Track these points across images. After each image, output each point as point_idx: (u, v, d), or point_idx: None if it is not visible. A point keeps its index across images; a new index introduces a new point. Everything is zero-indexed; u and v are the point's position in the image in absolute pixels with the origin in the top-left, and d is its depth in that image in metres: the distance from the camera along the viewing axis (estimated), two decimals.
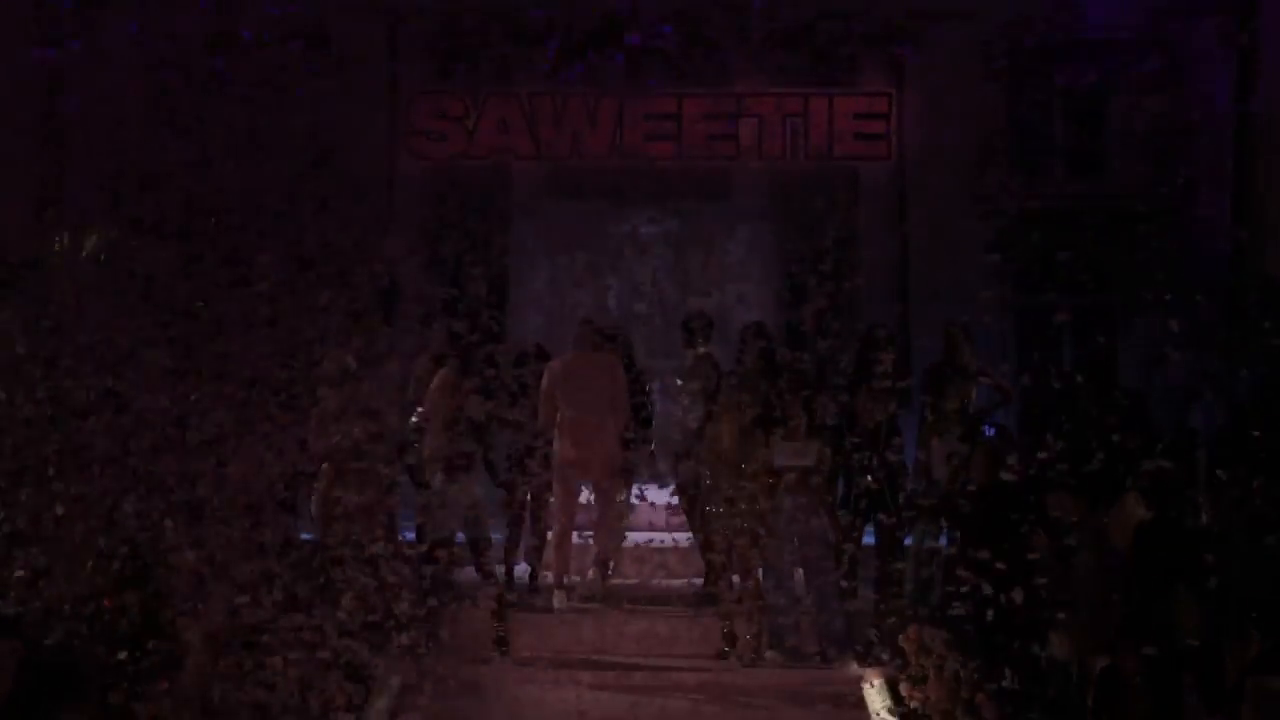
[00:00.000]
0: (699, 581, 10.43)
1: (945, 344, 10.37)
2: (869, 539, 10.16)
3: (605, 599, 10.16)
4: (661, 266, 12.38)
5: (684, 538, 10.81)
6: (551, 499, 10.31)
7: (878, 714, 8.57)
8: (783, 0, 11.55)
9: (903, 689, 8.64)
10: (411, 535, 10.23)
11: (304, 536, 10.27)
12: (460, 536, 10.28)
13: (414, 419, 10.30)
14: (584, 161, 12.05)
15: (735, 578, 9.92)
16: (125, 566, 7.55)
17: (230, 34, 11.02)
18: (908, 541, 10.05)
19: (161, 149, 11.08)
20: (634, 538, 11.01)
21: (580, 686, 8.79)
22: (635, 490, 10.87)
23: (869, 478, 9.89)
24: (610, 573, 10.38)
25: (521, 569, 10.63)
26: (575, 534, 10.36)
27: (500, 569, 10.45)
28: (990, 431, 9.82)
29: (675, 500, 10.80)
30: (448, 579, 9.92)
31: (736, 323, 10.98)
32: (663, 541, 11.02)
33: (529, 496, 10.42)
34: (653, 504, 10.87)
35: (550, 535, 10.34)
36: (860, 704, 8.72)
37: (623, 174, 12.15)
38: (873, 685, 8.93)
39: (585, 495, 10.60)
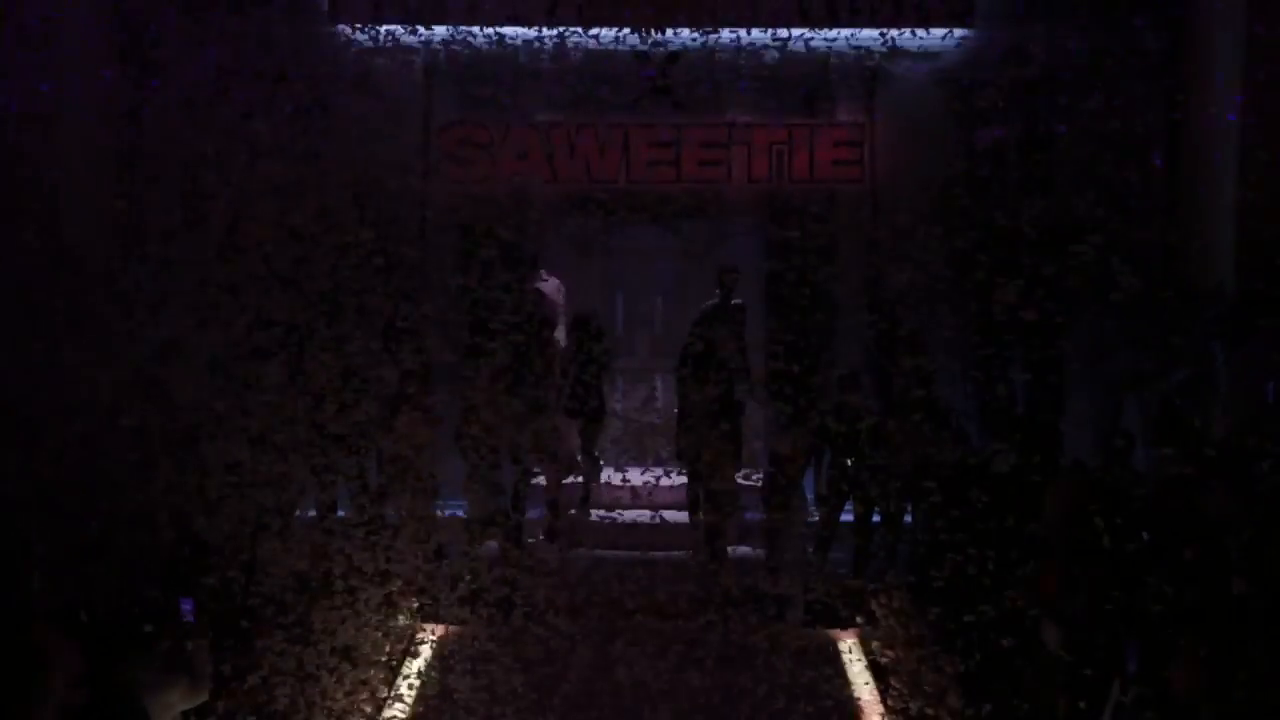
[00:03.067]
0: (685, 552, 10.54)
1: (911, 346, 10.42)
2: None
3: None
4: (663, 276, 12.39)
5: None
6: None
7: (852, 670, 8.60)
8: (769, 44, 11.64)
9: (874, 647, 8.70)
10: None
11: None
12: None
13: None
14: (594, 185, 12.04)
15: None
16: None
17: (285, 71, 11.13)
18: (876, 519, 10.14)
19: (228, 169, 11.19)
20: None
21: (575, 640, 8.84)
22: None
23: (849, 461, 9.97)
24: None
25: None
26: None
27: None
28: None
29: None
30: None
31: None
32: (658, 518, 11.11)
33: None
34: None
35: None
36: (836, 660, 8.75)
37: (628, 196, 12.17)
38: (847, 644, 8.96)
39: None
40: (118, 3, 11.34)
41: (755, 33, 11.66)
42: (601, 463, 11.40)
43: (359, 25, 11.71)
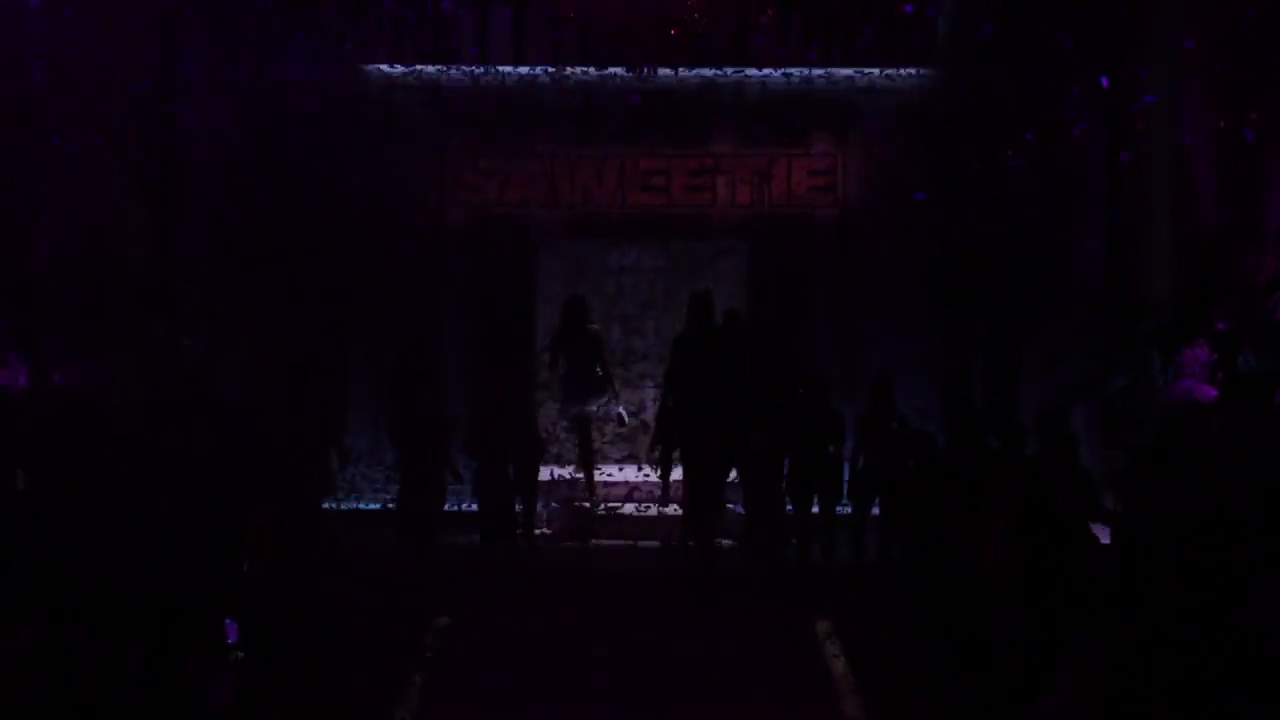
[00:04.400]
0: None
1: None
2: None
3: None
4: (655, 291, 12.43)
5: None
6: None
7: (827, 649, 8.59)
8: (751, 81, 11.72)
9: (847, 629, 8.70)
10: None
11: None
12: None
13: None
14: (593, 208, 12.09)
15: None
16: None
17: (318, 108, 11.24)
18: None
19: (263, 196, 11.26)
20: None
21: (567, 624, 8.86)
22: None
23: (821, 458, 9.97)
24: None
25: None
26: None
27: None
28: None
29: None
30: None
31: None
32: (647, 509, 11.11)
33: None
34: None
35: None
36: (812, 641, 8.75)
37: (624, 218, 12.22)
38: (823, 625, 8.95)
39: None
40: (161, 43, 11.36)
41: (739, 71, 11.70)
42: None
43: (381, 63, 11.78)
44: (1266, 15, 10.82)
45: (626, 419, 11.44)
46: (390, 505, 10.53)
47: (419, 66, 11.76)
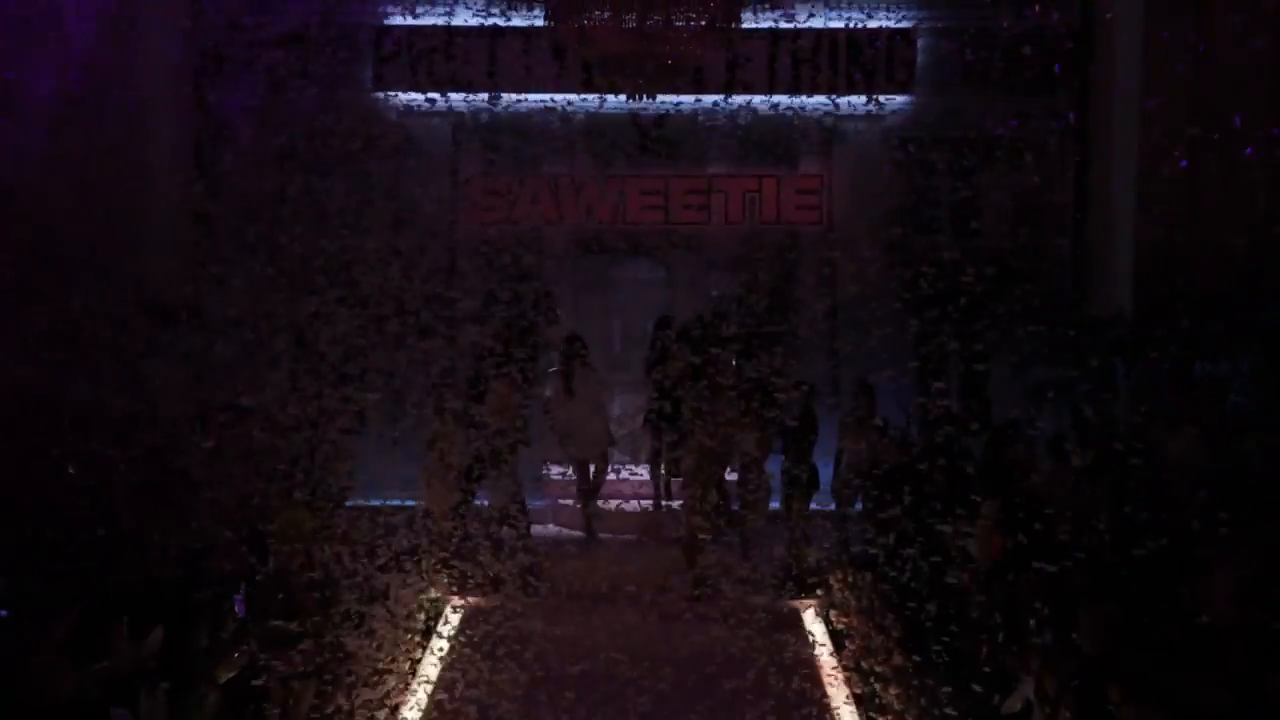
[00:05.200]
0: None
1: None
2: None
3: None
4: (654, 303, 12.55)
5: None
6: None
7: (812, 635, 8.69)
8: (743, 108, 11.85)
9: (832, 615, 8.81)
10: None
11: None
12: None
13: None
14: (596, 226, 12.20)
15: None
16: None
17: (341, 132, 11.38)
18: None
19: (286, 217, 11.34)
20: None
21: (569, 612, 8.97)
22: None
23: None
24: None
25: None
26: None
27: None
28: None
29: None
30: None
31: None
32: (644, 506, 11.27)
33: None
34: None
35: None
36: (799, 626, 8.90)
37: (625, 234, 12.32)
38: (809, 612, 9.03)
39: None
40: (197, 82, 11.53)
41: (731, 98, 11.82)
42: None
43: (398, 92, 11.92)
44: (1220, 45, 10.97)
45: None
46: (398, 504, 10.61)
47: (434, 94, 11.90)
